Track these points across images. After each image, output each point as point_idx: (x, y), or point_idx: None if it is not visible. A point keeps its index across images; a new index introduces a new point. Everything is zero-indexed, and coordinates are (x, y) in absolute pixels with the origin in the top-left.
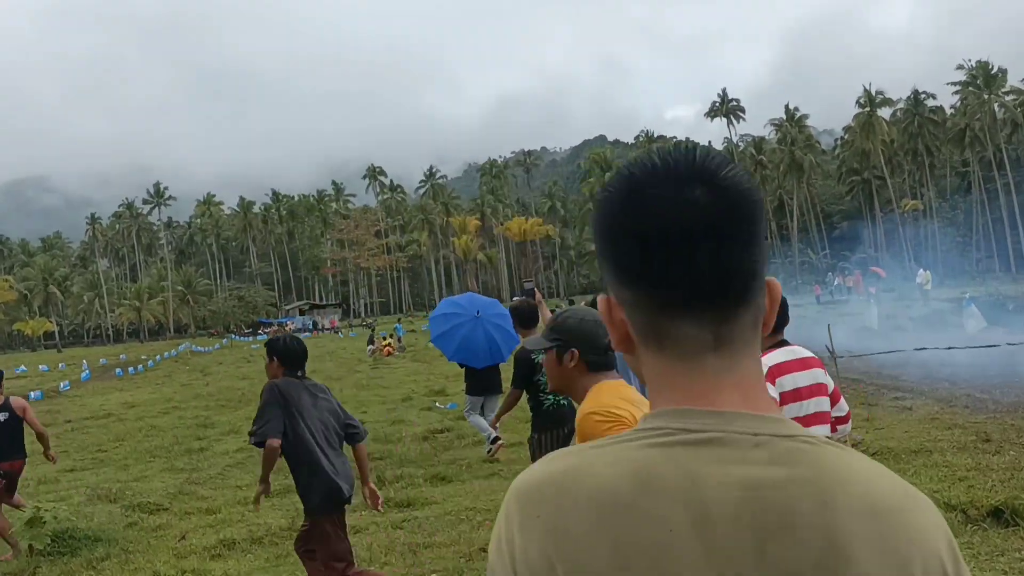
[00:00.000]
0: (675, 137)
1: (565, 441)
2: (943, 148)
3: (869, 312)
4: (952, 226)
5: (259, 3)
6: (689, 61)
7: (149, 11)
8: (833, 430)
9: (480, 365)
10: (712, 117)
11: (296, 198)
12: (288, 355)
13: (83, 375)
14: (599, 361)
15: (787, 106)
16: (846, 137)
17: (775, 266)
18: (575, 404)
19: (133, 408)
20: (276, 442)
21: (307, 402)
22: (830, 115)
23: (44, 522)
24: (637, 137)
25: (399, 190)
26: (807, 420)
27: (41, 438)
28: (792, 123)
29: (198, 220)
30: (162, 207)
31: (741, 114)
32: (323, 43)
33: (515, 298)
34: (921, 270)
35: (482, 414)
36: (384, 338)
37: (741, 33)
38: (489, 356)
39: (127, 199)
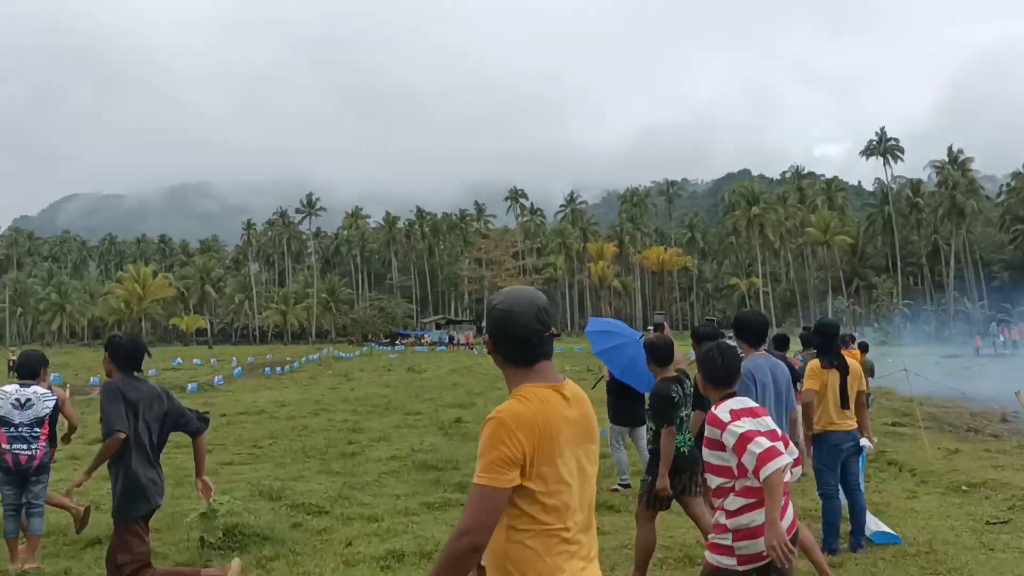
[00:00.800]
0: (824, 175)
1: (686, 487)
2: None
3: None
4: None
5: (412, 31)
6: (841, 100)
7: (310, 33)
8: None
9: (644, 389)
10: (868, 156)
11: (439, 216)
12: (124, 354)
13: (235, 372)
14: (514, 354)
15: (950, 148)
16: (1013, 184)
17: (927, 314)
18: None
19: (284, 407)
20: (122, 435)
21: (143, 404)
22: (991, 161)
23: (218, 515)
24: (784, 173)
25: (539, 213)
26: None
27: (72, 429)
28: (955, 166)
29: (345, 232)
30: (313, 217)
31: (899, 154)
32: (469, 70)
33: (648, 328)
34: None
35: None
36: None
37: (897, 74)
38: (649, 383)
39: (280, 208)
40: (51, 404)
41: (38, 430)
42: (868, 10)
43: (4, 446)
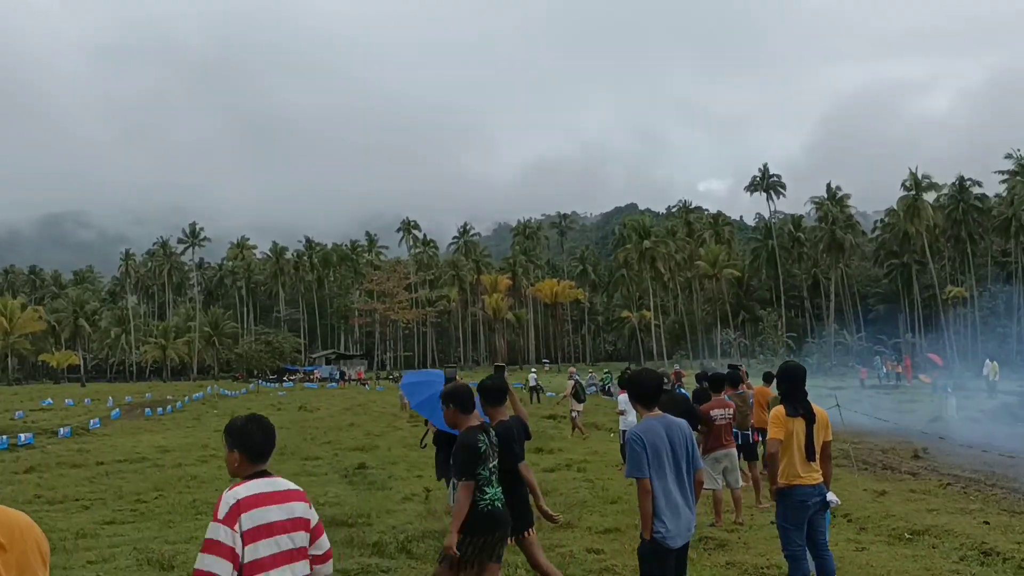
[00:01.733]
0: (707, 210)
1: (494, 549)
2: (986, 236)
3: (944, 402)
4: (993, 315)
5: (301, 56)
6: (724, 137)
7: (194, 57)
8: (311, 568)
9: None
10: (752, 191)
11: (329, 246)
12: None
13: (113, 413)
14: None
15: (828, 185)
16: (886, 220)
17: (809, 346)
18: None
19: (168, 453)
20: None
21: None
22: (864, 198)
23: None
24: (672, 207)
25: (431, 244)
26: (281, 557)
27: None
28: (833, 202)
29: (230, 263)
30: (196, 247)
31: (782, 190)
32: (362, 97)
33: (543, 362)
34: (988, 360)
35: None
36: None
37: (776, 113)
38: None
39: (161, 237)
40: None
41: None
42: (750, 52)
43: None
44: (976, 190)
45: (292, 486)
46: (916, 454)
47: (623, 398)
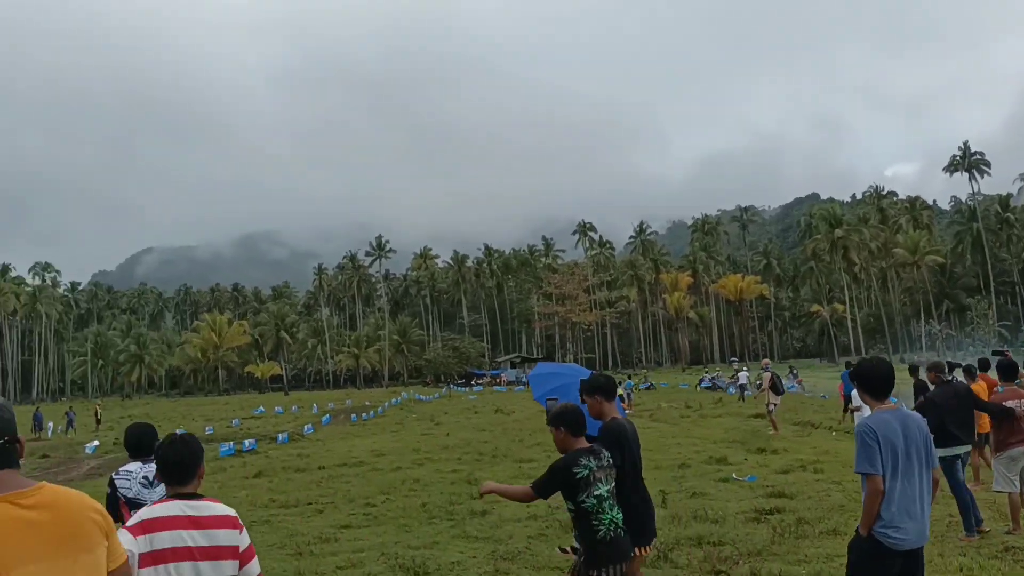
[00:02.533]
0: (895, 194)
1: None
2: None
3: None
4: None
5: (468, 68)
6: (910, 117)
7: (369, 77)
8: None
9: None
10: (951, 171)
11: (507, 252)
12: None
13: (324, 419)
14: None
15: None
16: None
17: None
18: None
19: (382, 456)
20: None
21: None
22: None
23: None
24: (855, 194)
25: (608, 246)
26: None
27: None
28: None
29: (414, 273)
30: (382, 259)
31: (985, 169)
32: (529, 103)
33: (731, 360)
34: None
35: None
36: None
37: (969, 88)
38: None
39: (350, 251)
40: None
41: None
42: (933, 21)
43: None
44: None
45: (221, 511)
46: None
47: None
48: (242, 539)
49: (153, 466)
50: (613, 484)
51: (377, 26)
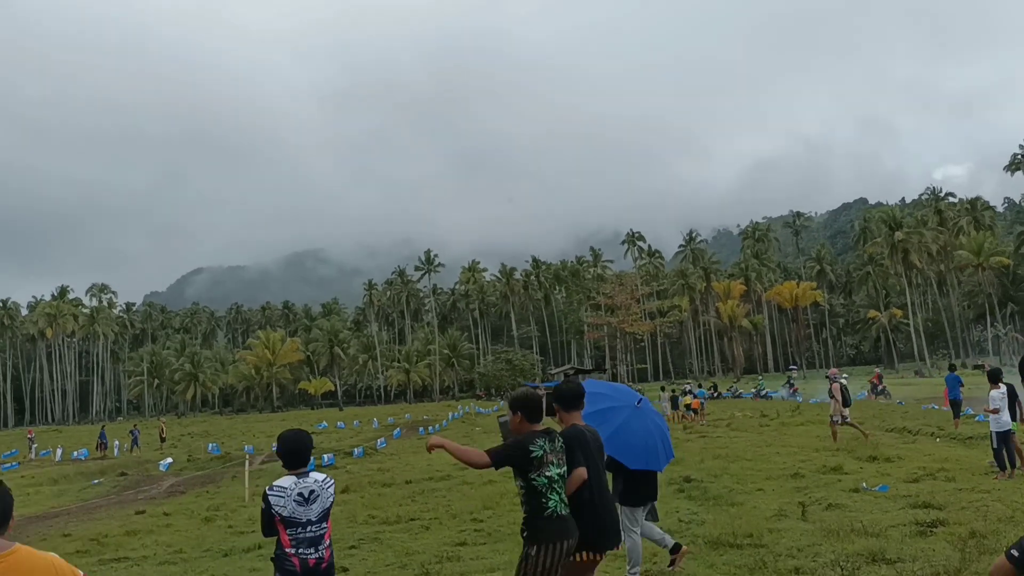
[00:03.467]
0: (952, 195)
1: (564, 558)
2: None
3: None
4: None
5: (511, 82)
6: (959, 119)
7: (414, 95)
8: None
9: (633, 464)
10: (1012, 171)
11: (555, 264)
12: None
13: (395, 432)
14: None
15: None
16: None
17: None
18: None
19: (467, 470)
20: None
21: None
22: None
23: None
24: (922, 195)
25: (657, 255)
26: None
27: None
28: None
29: (462, 286)
30: (431, 274)
31: None
32: (572, 114)
33: (790, 368)
34: None
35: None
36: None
37: (1019, 91)
38: (645, 456)
39: (399, 267)
40: (333, 491)
41: (324, 525)
42: (982, 19)
43: (289, 550)
44: None
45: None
46: None
47: (996, 394)
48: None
49: (310, 480)
50: (564, 469)
51: (423, 43)
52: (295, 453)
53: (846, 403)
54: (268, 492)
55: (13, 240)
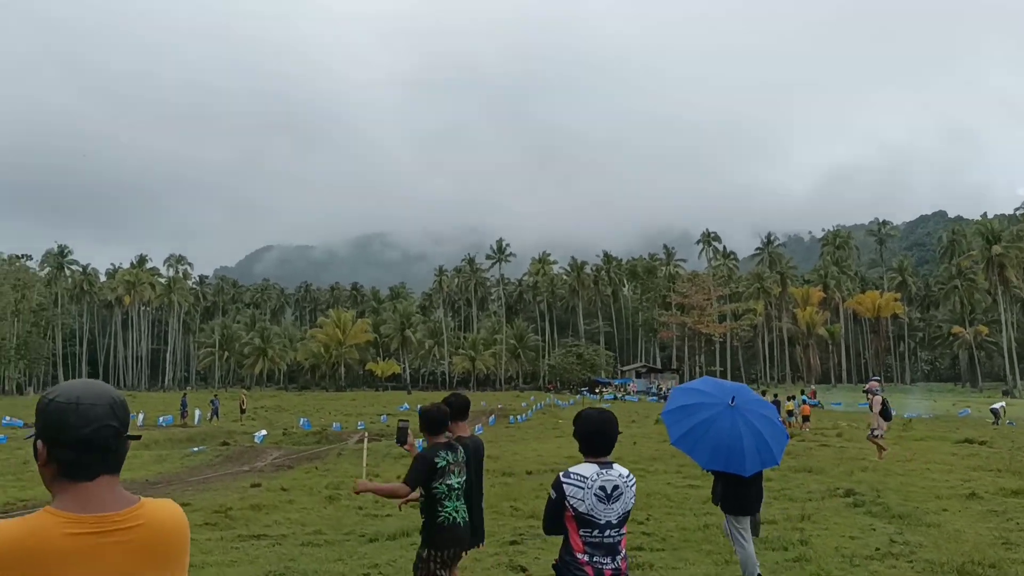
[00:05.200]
0: None
1: (454, 563)
2: None
3: None
4: None
5: (588, 79)
6: None
7: (490, 87)
8: None
9: (707, 465)
10: None
11: (624, 261)
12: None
13: (490, 419)
14: (73, 464)
15: None
16: None
17: None
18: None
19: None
20: None
21: None
22: None
23: None
24: (1016, 209)
25: (732, 256)
26: None
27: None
28: None
29: (530, 278)
30: (501, 263)
31: None
32: (647, 109)
33: (872, 379)
34: None
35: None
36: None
37: None
38: (758, 457)
39: (469, 254)
40: (635, 492)
41: (622, 531)
42: None
43: (580, 556)
44: None
45: None
46: None
47: None
48: None
49: (614, 474)
50: (464, 479)
51: (504, 31)
52: (602, 435)
53: (887, 417)
54: (563, 479)
55: (95, 208)
